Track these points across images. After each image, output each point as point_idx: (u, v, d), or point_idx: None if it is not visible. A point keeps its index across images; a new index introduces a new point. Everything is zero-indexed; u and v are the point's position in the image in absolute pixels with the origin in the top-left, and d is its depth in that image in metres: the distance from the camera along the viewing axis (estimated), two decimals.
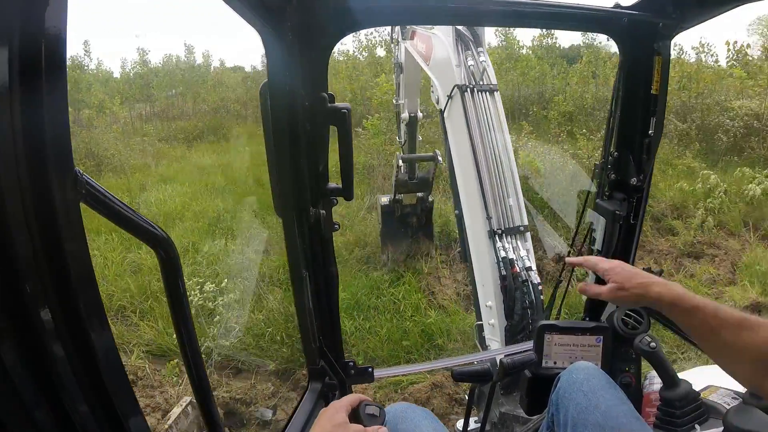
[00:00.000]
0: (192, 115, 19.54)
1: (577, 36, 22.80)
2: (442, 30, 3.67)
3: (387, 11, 1.92)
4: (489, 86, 3.36)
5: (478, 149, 3.17)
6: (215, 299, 6.26)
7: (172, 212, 9.74)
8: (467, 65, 3.40)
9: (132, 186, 11.44)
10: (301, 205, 1.83)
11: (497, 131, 3.24)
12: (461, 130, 3.27)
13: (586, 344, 2.31)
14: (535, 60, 16.65)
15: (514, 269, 3.01)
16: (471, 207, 3.27)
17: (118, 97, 18.36)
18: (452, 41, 3.51)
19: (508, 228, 3.13)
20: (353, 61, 16.67)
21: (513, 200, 3.17)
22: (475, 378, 2.15)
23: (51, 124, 0.67)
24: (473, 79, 3.36)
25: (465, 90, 3.30)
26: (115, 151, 13.27)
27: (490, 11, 2.01)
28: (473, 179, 3.17)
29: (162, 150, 14.95)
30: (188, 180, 11.78)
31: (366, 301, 6.77)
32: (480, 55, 3.49)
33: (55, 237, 0.69)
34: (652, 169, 2.34)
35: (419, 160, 6.73)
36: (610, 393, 1.79)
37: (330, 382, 2.19)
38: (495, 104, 3.33)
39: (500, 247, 3.08)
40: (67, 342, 0.73)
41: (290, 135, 1.68)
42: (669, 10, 1.98)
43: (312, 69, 1.71)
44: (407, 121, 6.49)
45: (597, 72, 15.50)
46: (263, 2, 1.46)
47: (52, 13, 0.64)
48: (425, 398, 5.06)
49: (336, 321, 2.23)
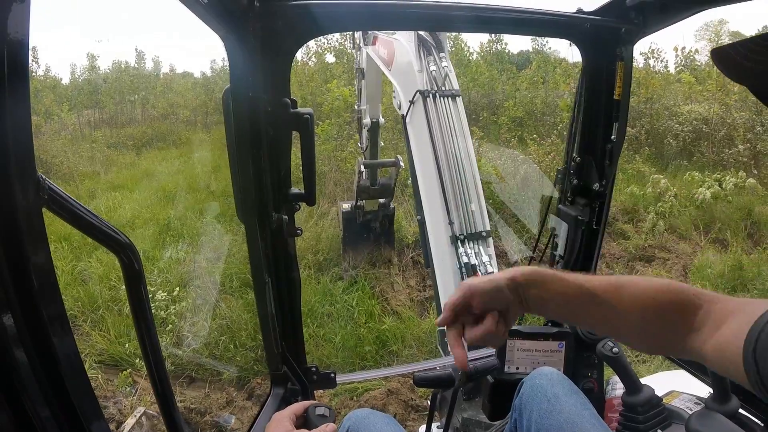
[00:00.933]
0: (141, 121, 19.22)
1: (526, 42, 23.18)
2: (405, 35, 3.63)
3: (350, 17, 1.92)
4: (451, 92, 3.34)
5: (440, 154, 3.15)
6: (167, 308, 6.16)
7: (123, 220, 9.53)
8: (429, 71, 3.36)
9: (81, 193, 11.15)
10: (263, 211, 1.81)
11: (459, 137, 3.22)
12: (423, 136, 3.24)
13: (548, 349, 2.33)
14: (484, 66, 16.79)
15: (476, 275, 2.95)
16: (433, 212, 3.23)
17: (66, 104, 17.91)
18: (414, 47, 3.48)
19: (470, 233, 3.11)
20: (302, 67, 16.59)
21: (475, 205, 3.15)
22: (437, 383, 2.11)
23: (13, 129, 0.67)
24: (435, 85, 3.32)
25: (427, 95, 3.26)
26: (64, 158, 12.96)
27: (454, 17, 2.00)
28: (435, 184, 3.14)
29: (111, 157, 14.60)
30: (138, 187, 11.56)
31: (319, 308, 6.72)
32: (442, 60, 3.44)
33: (17, 242, 0.70)
34: (615, 174, 2.36)
35: (381, 166, 6.69)
36: (573, 398, 1.80)
37: (293, 387, 2.17)
38: (457, 110, 3.30)
39: (462, 252, 3.05)
40: (30, 347, 0.73)
41: (252, 140, 1.67)
42: (631, 15, 1.99)
43: (274, 74, 1.71)
44: (369, 127, 6.43)
45: (547, 78, 15.67)
46: (226, 8, 1.46)
47: (14, 19, 0.64)
48: (381, 405, 5.04)
49: (298, 326, 2.20)
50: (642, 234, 8.46)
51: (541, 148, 10.28)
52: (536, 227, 7.56)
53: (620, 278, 1.21)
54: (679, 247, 8.27)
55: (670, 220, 8.70)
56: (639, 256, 8.08)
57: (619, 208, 9.25)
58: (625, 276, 1.28)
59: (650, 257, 8.05)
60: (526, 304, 1.26)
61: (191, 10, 1.27)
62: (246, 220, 1.79)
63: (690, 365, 2.09)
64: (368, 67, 5.67)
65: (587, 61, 2.20)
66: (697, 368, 2.04)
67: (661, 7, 1.89)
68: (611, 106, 2.20)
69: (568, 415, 1.71)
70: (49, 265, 0.76)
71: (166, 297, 6.23)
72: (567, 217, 2.44)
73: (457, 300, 1.26)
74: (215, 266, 7.36)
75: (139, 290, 1.08)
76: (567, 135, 2.47)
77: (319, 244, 8.23)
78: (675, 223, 8.74)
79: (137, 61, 22.23)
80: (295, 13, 1.67)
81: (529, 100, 14.77)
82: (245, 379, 5.62)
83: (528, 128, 13.14)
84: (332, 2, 1.81)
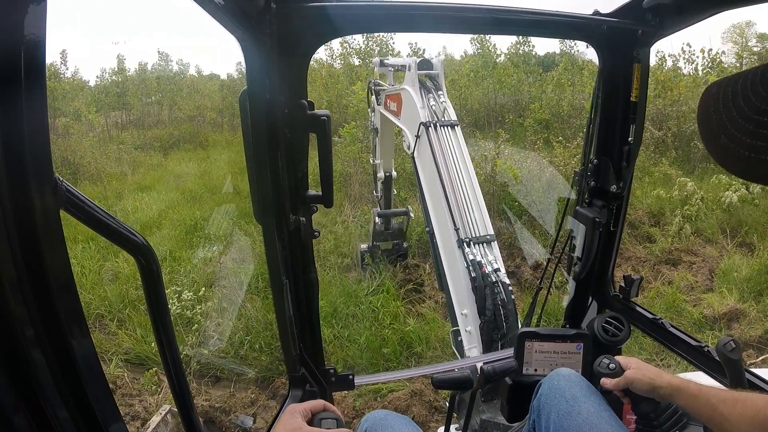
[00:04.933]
0: (168, 123, 19.50)
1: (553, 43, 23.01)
2: (409, 82, 4.38)
3: (366, 18, 1.92)
4: (450, 122, 3.89)
5: (443, 173, 3.52)
6: (193, 308, 6.23)
7: (149, 220, 9.69)
8: (430, 105, 4.04)
9: (108, 194, 11.37)
10: (280, 213, 1.82)
11: (460, 160, 3.63)
12: (429, 160, 3.69)
13: (566, 351, 2.33)
14: (511, 68, 16.71)
15: (483, 269, 3.14)
16: (440, 222, 3.55)
17: (94, 105, 18.22)
18: (417, 88, 4.21)
19: (475, 237, 3.32)
20: (328, 69, 16.66)
21: (478, 214, 3.41)
22: (456, 385, 2.12)
23: (30, 131, 0.66)
24: (436, 116, 3.93)
25: (429, 126, 3.81)
26: (92, 159, 13.25)
27: (471, 19, 2.00)
28: (441, 197, 3.46)
29: (138, 158, 14.81)
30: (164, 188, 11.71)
31: (344, 309, 6.75)
32: (440, 96, 4.21)
33: (35, 244, 0.69)
34: (632, 176, 2.35)
35: (394, 215, 7.40)
36: (592, 399, 1.81)
37: (311, 389, 2.18)
38: (456, 137, 3.79)
39: (469, 252, 3.25)
40: (47, 349, 0.72)
41: (270, 142, 1.67)
42: (648, 17, 1.99)
43: (291, 76, 1.71)
44: (383, 180, 7.07)
45: (573, 80, 15.54)
46: (243, 11, 1.46)
47: (31, 20, 0.63)
48: (405, 406, 5.04)
49: (316, 328, 2.22)
50: (668, 237, 8.35)
51: (566, 150, 10.16)
52: (552, 229, 7.63)
53: (740, 394, 1.51)
54: (705, 251, 8.13)
55: (697, 224, 8.57)
56: (665, 260, 7.97)
57: (645, 211, 9.16)
58: (743, 393, 1.51)
59: (676, 261, 7.93)
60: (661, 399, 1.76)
61: (207, 11, 1.28)
62: (264, 221, 1.81)
63: (709, 366, 2.08)
64: (381, 125, 6.32)
65: (604, 63, 2.20)
66: (716, 369, 2.02)
67: (678, 9, 1.88)
68: (628, 108, 2.21)
69: (586, 416, 1.73)
70: (66, 267, 0.76)
71: (192, 296, 6.30)
72: (584, 219, 2.44)
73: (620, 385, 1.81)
74: (241, 266, 7.44)
75: (156, 292, 1.08)
76: (584, 137, 2.47)
77: (343, 247, 8.31)
78: (701, 226, 8.60)
79: (161, 62, 22.57)
80: (311, 14, 1.68)
81: (555, 102, 14.67)
82: (269, 378, 5.66)
83: (554, 130, 13.04)
84: (349, 4, 1.81)
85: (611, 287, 2.60)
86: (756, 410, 1.40)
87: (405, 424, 1.87)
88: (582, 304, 2.71)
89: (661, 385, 1.69)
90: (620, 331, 2.36)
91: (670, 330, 2.27)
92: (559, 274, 3.00)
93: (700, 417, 1.56)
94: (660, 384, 1.70)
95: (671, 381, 1.69)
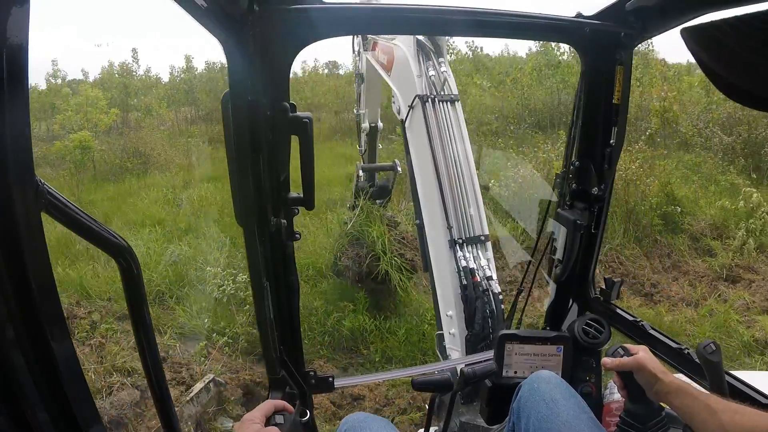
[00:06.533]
0: None
1: None
2: (404, 40, 3.57)
3: (350, 21, 1.96)
4: (450, 96, 3.30)
5: (439, 159, 3.13)
6: (246, 289, 6.51)
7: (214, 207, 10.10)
8: (428, 75, 3.32)
9: (176, 183, 11.89)
10: (262, 215, 1.84)
11: (458, 141, 3.19)
12: (422, 140, 3.23)
13: (546, 354, 2.33)
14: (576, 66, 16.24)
15: (474, 278, 2.98)
16: (432, 216, 3.25)
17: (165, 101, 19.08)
18: (414, 52, 3.43)
19: (468, 237, 3.10)
20: None
21: (474, 210, 3.13)
22: (436, 387, 2.14)
23: (12, 134, 0.67)
24: (434, 90, 3.29)
25: (426, 100, 3.23)
26: (161, 151, 13.89)
27: (453, 21, 2.03)
28: (434, 189, 3.13)
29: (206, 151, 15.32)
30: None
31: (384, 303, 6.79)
32: (441, 65, 3.40)
33: (16, 246, 0.70)
34: (614, 178, 2.36)
35: (379, 169, 6.81)
36: (572, 402, 1.83)
37: (291, 391, 2.22)
38: (456, 114, 3.26)
39: (461, 256, 3.04)
40: (28, 351, 0.74)
41: (252, 144, 1.68)
42: (631, 20, 1.98)
43: (274, 79, 1.74)
44: (368, 131, 6.53)
45: (642, 79, 14.83)
46: (225, 13, 1.49)
47: (13, 24, 0.65)
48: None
49: (296, 331, 2.25)
50: (729, 252, 7.91)
51: (628, 155, 9.42)
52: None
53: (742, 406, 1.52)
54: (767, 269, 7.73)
55: (762, 239, 8.11)
56: (724, 276, 7.59)
57: (708, 223, 8.74)
58: (745, 407, 1.52)
59: (736, 278, 7.54)
60: (657, 397, 1.75)
61: (190, 13, 1.30)
62: (245, 223, 1.81)
63: (689, 369, 2.06)
64: (368, 72, 5.67)
65: (586, 65, 2.21)
66: (696, 372, 2.00)
67: (661, 11, 1.87)
68: (610, 111, 2.20)
69: (566, 419, 1.74)
70: (47, 269, 0.76)
71: (246, 279, 6.49)
72: (565, 222, 2.43)
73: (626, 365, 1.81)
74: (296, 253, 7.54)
75: (137, 294, 1.09)
76: (567, 138, 2.47)
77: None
78: (766, 242, 8.16)
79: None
80: (294, 17, 1.69)
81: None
82: (310, 361, 5.82)
83: None
84: (332, 7, 1.82)
85: (592, 290, 2.59)
86: (753, 425, 1.42)
87: (384, 426, 1.92)
88: (563, 306, 2.70)
89: (665, 380, 1.70)
90: (601, 334, 2.35)
91: (650, 332, 2.26)
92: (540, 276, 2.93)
93: (694, 420, 1.57)
94: (664, 379, 1.70)
95: (674, 380, 1.70)
